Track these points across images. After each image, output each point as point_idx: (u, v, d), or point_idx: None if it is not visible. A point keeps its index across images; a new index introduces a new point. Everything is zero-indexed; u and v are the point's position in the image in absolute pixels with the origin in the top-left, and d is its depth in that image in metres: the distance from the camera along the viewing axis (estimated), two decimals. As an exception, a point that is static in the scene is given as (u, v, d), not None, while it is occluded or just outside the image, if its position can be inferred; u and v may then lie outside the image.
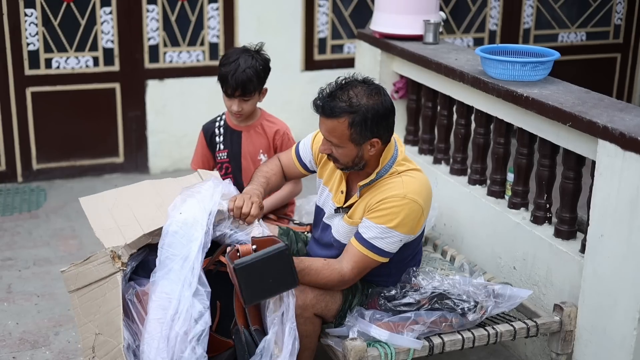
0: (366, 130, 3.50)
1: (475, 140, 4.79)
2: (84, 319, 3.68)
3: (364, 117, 3.48)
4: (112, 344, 3.54)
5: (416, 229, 3.65)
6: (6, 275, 5.19)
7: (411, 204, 3.55)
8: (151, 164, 7.07)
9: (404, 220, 3.55)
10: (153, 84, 6.93)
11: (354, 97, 3.49)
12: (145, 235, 3.64)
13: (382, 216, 3.56)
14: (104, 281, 3.63)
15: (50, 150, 6.80)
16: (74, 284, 3.72)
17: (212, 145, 4.63)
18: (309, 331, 3.68)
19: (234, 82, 4.30)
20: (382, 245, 3.58)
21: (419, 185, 3.62)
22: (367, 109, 3.48)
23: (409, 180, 3.61)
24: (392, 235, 3.57)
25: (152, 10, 6.76)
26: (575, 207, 4.16)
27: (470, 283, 3.81)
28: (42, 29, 6.53)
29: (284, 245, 3.38)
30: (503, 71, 4.38)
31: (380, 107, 3.51)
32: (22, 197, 6.49)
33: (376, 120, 3.50)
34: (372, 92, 3.52)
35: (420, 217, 3.62)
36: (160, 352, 3.38)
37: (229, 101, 4.40)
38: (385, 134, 3.59)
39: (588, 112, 3.83)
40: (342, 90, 3.52)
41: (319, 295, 3.63)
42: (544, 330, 3.90)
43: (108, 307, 3.60)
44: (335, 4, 7.27)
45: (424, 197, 3.61)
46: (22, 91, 6.58)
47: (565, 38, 8.10)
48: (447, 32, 7.64)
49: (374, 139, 3.55)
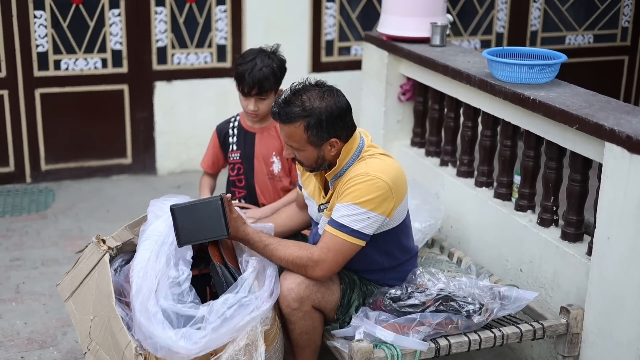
0: (322, 131, 3.57)
1: (482, 142, 4.80)
2: (79, 316, 3.73)
3: (318, 119, 3.55)
4: (105, 313, 3.57)
5: (387, 209, 3.60)
6: (15, 276, 5.22)
7: (375, 181, 3.55)
8: (159, 165, 7.09)
9: (368, 196, 3.54)
10: (161, 86, 6.95)
11: (307, 101, 3.56)
12: (126, 228, 3.83)
13: (347, 195, 3.58)
14: (94, 270, 3.72)
15: (59, 151, 6.82)
16: (68, 289, 3.80)
17: (224, 145, 4.66)
18: (308, 327, 3.70)
19: (250, 80, 4.33)
20: (349, 222, 3.56)
21: (384, 165, 3.63)
22: (320, 111, 3.55)
23: (372, 161, 3.64)
24: (359, 211, 3.55)
25: (161, 12, 6.78)
26: (582, 209, 4.16)
27: (475, 285, 3.81)
28: (51, 31, 6.55)
29: (219, 196, 3.62)
30: (510, 74, 4.38)
31: (334, 108, 3.57)
32: (31, 198, 6.51)
33: (331, 121, 3.57)
34: (325, 94, 3.59)
35: (388, 196, 3.58)
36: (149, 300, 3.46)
37: (245, 101, 4.43)
38: (343, 133, 3.64)
39: (595, 115, 3.84)
40: (295, 95, 3.59)
41: (312, 286, 3.64)
42: (551, 332, 3.91)
43: (100, 289, 3.64)
44: (342, 6, 7.28)
45: (391, 177, 3.59)
46: (31, 92, 6.61)
47: (572, 40, 8.10)
48: (454, 34, 7.65)
49: (332, 139, 3.62)
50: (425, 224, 4.60)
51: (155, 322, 3.39)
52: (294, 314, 3.66)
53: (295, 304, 3.63)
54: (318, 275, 3.63)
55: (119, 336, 3.50)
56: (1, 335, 4.54)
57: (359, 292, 3.81)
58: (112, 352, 3.54)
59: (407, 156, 5.53)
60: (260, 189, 4.59)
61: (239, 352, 3.47)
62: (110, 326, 3.55)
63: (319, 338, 3.79)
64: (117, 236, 3.87)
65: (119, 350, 3.49)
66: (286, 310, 3.66)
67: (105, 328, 3.58)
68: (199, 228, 3.58)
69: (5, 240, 5.74)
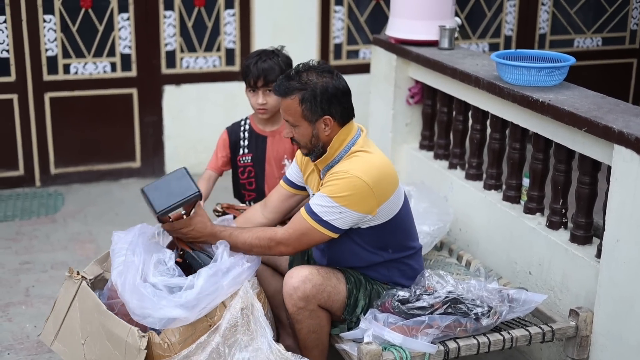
0: (316, 106, 3.67)
1: (491, 145, 4.80)
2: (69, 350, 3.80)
3: (313, 93, 3.66)
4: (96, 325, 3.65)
5: (367, 207, 3.63)
6: (24, 279, 5.23)
7: (352, 179, 3.60)
8: (168, 169, 7.09)
9: (343, 193, 3.59)
10: (170, 89, 6.97)
11: (304, 77, 3.69)
12: (95, 262, 3.98)
13: (325, 187, 3.67)
14: (75, 301, 3.78)
15: (68, 154, 6.84)
16: (51, 334, 3.88)
17: (234, 147, 4.66)
18: (314, 326, 3.71)
19: (256, 70, 4.38)
20: (320, 212, 3.62)
21: (367, 165, 3.65)
22: (315, 85, 3.66)
23: (356, 160, 3.68)
24: (332, 204, 3.60)
25: (169, 16, 6.80)
26: (591, 212, 4.16)
27: (484, 288, 3.81)
28: (60, 35, 6.57)
29: (183, 167, 3.88)
30: (518, 76, 4.38)
31: (330, 86, 3.68)
32: (40, 202, 6.53)
33: (326, 97, 3.67)
34: (324, 72, 3.72)
35: (367, 195, 3.61)
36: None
37: (253, 96, 4.46)
38: (338, 113, 3.71)
39: (604, 117, 3.83)
40: (296, 72, 3.74)
41: (318, 285, 3.67)
42: (560, 335, 3.91)
43: (85, 310, 3.73)
44: (351, 9, 7.29)
45: (372, 177, 3.62)
46: (40, 96, 6.63)
47: (581, 43, 8.09)
48: (463, 37, 7.65)
49: (325, 116, 3.69)
50: (434, 227, 4.59)
51: (148, 297, 3.51)
52: (299, 313, 3.67)
53: (301, 303, 3.65)
54: (280, 251, 3.73)
55: (117, 331, 3.56)
56: (11, 338, 4.56)
57: (365, 291, 3.82)
58: (114, 353, 3.59)
59: (416, 159, 5.54)
60: (269, 190, 4.60)
61: (237, 317, 3.59)
62: (106, 330, 3.60)
63: (327, 338, 3.80)
64: (89, 270, 3.96)
65: (120, 344, 3.55)
66: (292, 309, 3.68)
67: (100, 336, 3.63)
68: (170, 195, 3.76)
69: (15, 244, 5.76)
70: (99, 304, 3.66)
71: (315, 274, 3.70)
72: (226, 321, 3.58)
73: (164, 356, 3.57)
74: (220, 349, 3.57)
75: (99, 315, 3.64)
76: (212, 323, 3.60)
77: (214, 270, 3.61)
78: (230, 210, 4.52)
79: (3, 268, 5.39)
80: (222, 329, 3.57)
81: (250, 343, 3.59)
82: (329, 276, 3.74)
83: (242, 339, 3.59)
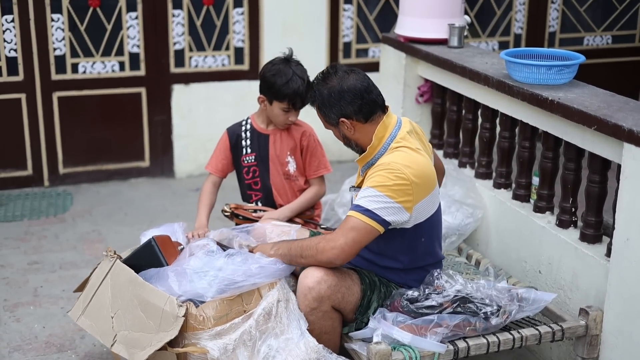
0: (329, 111, 3.75)
1: (500, 144, 4.78)
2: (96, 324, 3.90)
3: (321, 101, 3.77)
4: (129, 297, 3.79)
5: (406, 202, 3.59)
6: (33, 279, 5.23)
7: (395, 171, 3.57)
8: (177, 168, 7.10)
9: (386, 183, 3.57)
10: (179, 89, 6.96)
11: (314, 86, 3.81)
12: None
13: (368, 180, 3.65)
14: (107, 278, 3.93)
15: (77, 154, 6.84)
16: (79, 309, 4.01)
17: (236, 148, 4.65)
18: (327, 327, 3.70)
19: (304, 96, 4.40)
20: (364, 202, 3.57)
21: (409, 159, 3.64)
22: (320, 93, 3.76)
23: (396, 153, 3.67)
24: (374, 193, 3.56)
25: (178, 15, 6.79)
26: (601, 210, 4.14)
27: (493, 287, 3.80)
28: (68, 34, 6.57)
29: (151, 239, 3.95)
30: (528, 75, 4.36)
31: (334, 90, 3.71)
32: (49, 201, 6.53)
33: (333, 101, 3.72)
34: (331, 76, 3.76)
35: (407, 189, 3.58)
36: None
37: (286, 114, 4.47)
38: (353, 112, 3.72)
39: (613, 116, 3.81)
40: (313, 81, 3.85)
41: (333, 286, 3.64)
42: (570, 334, 3.89)
43: (117, 285, 3.87)
44: (360, 8, 7.27)
45: (414, 172, 3.60)
46: (48, 96, 6.63)
47: (590, 41, 8.07)
48: (472, 35, 7.63)
49: (340, 118, 3.73)
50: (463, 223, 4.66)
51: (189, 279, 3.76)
52: (312, 314, 3.66)
53: (314, 304, 3.63)
54: (329, 255, 3.60)
55: (155, 300, 3.69)
56: (19, 339, 4.55)
57: (379, 293, 3.80)
58: (147, 323, 3.69)
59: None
60: (276, 190, 4.60)
61: (272, 306, 3.69)
62: (140, 300, 3.72)
63: (339, 338, 3.79)
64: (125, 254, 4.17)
65: (156, 313, 3.67)
66: (305, 310, 3.67)
67: (134, 307, 3.74)
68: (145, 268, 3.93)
69: (23, 244, 5.76)
70: (136, 277, 3.80)
71: (331, 274, 3.67)
72: (261, 308, 3.68)
73: (198, 328, 3.67)
74: (252, 332, 3.66)
75: (134, 287, 3.77)
76: (247, 309, 3.70)
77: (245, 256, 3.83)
78: (238, 210, 4.52)
79: (12, 268, 5.39)
80: (257, 315, 3.67)
81: (280, 334, 3.66)
82: (343, 277, 3.72)
83: (273, 327, 3.66)
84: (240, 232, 4.13)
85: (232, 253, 3.86)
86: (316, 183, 4.62)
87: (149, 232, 4.21)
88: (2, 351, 4.43)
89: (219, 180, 4.71)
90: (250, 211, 4.54)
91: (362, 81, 3.73)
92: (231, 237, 4.06)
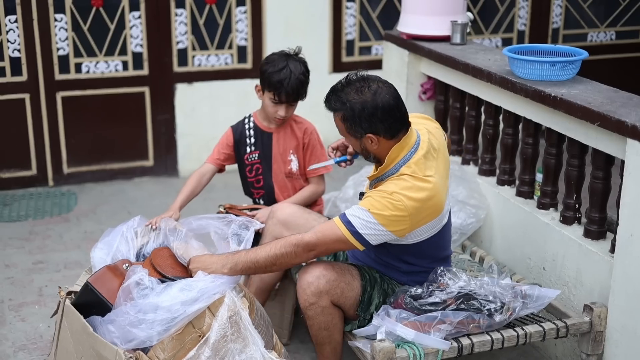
0: (356, 125, 3.61)
1: (504, 140, 4.78)
2: None
3: (352, 112, 3.59)
4: (86, 346, 3.60)
5: (398, 230, 3.57)
6: (37, 279, 5.24)
7: (396, 202, 3.52)
8: (180, 167, 7.10)
9: (384, 212, 3.53)
10: (182, 88, 6.97)
11: (344, 94, 3.61)
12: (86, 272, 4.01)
13: (366, 200, 3.60)
14: (63, 320, 3.76)
15: (81, 154, 6.85)
16: (52, 354, 3.88)
17: (239, 146, 4.65)
18: (327, 323, 3.71)
19: (290, 89, 4.38)
20: (357, 224, 3.55)
21: (412, 191, 3.55)
22: (353, 105, 3.58)
23: (404, 183, 3.57)
24: (370, 219, 3.54)
25: (181, 14, 6.80)
26: (605, 207, 4.13)
27: (497, 284, 3.79)
28: (71, 34, 6.58)
29: (87, 282, 3.67)
30: (531, 71, 4.36)
31: (368, 105, 3.57)
32: (53, 201, 6.54)
33: (365, 116, 3.58)
34: (364, 89, 3.60)
35: (403, 220, 3.54)
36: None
37: (275, 107, 4.45)
38: (382, 130, 3.61)
39: (617, 112, 3.81)
40: (342, 85, 3.65)
41: (332, 281, 3.66)
42: (574, 331, 3.89)
43: (73, 330, 3.69)
44: (362, 5, 7.27)
45: (415, 203, 3.54)
46: (52, 96, 6.64)
47: (594, 37, 8.06)
48: (475, 32, 7.62)
49: (369, 134, 3.61)
50: (466, 222, 4.66)
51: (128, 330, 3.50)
52: (311, 309, 3.67)
53: (312, 299, 3.64)
54: (307, 257, 3.66)
55: (106, 353, 3.49)
56: (24, 338, 4.56)
57: (380, 290, 3.80)
58: None
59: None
60: (278, 188, 4.60)
61: (225, 326, 3.49)
62: (95, 352, 3.55)
63: (339, 335, 3.79)
64: (80, 281, 3.90)
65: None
66: (303, 305, 3.68)
67: (92, 357, 3.58)
68: (95, 310, 3.65)
69: (28, 244, 5.77)
70: (85, 325, 3.58)
71: (330, 269, 3.69)
72: (214, 333, 3.47)
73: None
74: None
75: (88, 337, 3.58)
76: (202, 333, 3.50)
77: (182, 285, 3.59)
78: (232, 210, 4.52)
79: (16, 268, 5.40)
80: (212, 342, 3.46)
81: (243, 350, 3.51)
82: (343, 272, 3.73)
83: (233, 347, 3.50)
84: (177, 239, 3.94)
85: (169, 284, 3.58)
86: (314, 182, 4.62)
87: (97, 245, 4.02)
88: (7, 350, 4.45)
89: (212, 170, 4.67)
90: (246, 211, 4.54)
91: (394, 97, 3.61)
92: (172, 235, 3.96)
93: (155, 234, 4.05)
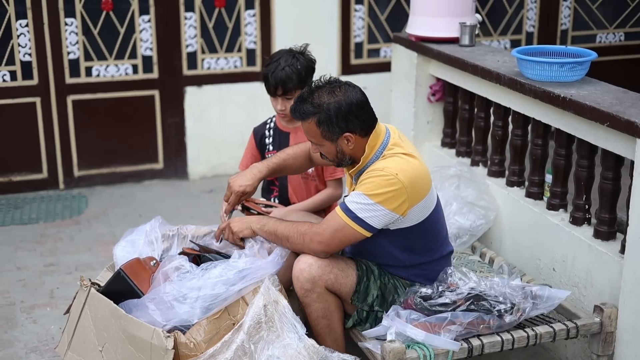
0: (333, 126, 3.66)
1: (513, 142, 4.78)
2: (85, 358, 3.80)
3: (327, 115, 3.64)
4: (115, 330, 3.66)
5: (399, 207, 3.62)
6: (49, 281, 5.26)
7: (389, 177, 3.58)
8: (190, 170, 7.11)
9: (379, 190, 3.58)
10: (191, 91, 6.98)
11: (316, 98, 3.66)
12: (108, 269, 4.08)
13: (361, 185, 3.66)
14: (84, 309, 3.80)
15: (91, 157, 6.87)
16: (65, 344, 3.91)
17: (261, 146, 4.70)
18: (324, 310, 3.75)
19: (273, 80, 4.39)
20: (355, 209, 3.62)
21: (403, 164, 3.64)
22: (328, 107, 3.64)
23: (391, 159, 3.67)
24: (367, 202, 3.60)
25: (190, 18, 6.81)
26: (615, 207, 4.14)
27: (507, 284, 3.80)
28: (82, 38, 6.60)
29: (120, 269, 3.77)
30: (540, 72, 4.37)
31: (343, 103, 3.64)
32: (64, 204, 6.56)
33: (341, 116, 3.64)
34: (335, 90, 3.67)
35: (401, 195, 3.60)
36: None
37: (273, 100, 4.49)
38: (357, 127, 3.69)
39: (626, 112, 3.81)
40: (309, 93, 3.70)
41: (324, 267, 3.70)
42: (584, 331, 3.89)
43: (98, 317, 3.74)
44: (371, 8, 7.28)
45: (408, 177, 3.61)
46: (63, 99, 6.67)
47: (603, 39, 8.05)
48: (484, 34, 7.62)
49: (345, 133, 3.67)
50: (475, 224, 4.65)
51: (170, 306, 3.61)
52: (307, 296, 3.71)
53: (307, 285, 3.69)
54: (314, 247, 3.70)
55: (140, 334, 3.56)
56: (36, 340, 4.58)
57: (377, 282, 3.83)
58: (138, 357, 3.58)
59: (438, 157, 5.52)
60: (292, 188, 4.62)
61: (260, 314, 3.59)
62: (127, 334, 3.60)
63: (339, 326, 3.82)
64: (101, 277, 4.01)
65: (144, 346, 3.55)
66: (300, 292, 3.73)
67: (121, 341, 3.63)
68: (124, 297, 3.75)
69: (39, 246, 5.79)
70: (116, 309, 3.66)
71: (323, 257, 3.74)
72: (249, 318, 3.58)
73: (191, 355, 3.57)
74: (245, 346, 3.57)
75: (117, 320, 3.64)
76: (236, 321, 3.61)
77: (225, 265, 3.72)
78: (249, 203, 4.53)
79: (28, 270, 5.42)
80: (246, 327, 3.57)
81: (276, 340, 3.59)
82: (336, 260, 3.78)
83: (267, 335, 3.58)
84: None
85: (206, 267, 3.72)
86: (332, 185, 4.61)
87: (120, 243, 4.08)
88: (19, 352, 4.46)
89: None
90: (261, 206, 4.55)
91: (362, 94, 3.72)
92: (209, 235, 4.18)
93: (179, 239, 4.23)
